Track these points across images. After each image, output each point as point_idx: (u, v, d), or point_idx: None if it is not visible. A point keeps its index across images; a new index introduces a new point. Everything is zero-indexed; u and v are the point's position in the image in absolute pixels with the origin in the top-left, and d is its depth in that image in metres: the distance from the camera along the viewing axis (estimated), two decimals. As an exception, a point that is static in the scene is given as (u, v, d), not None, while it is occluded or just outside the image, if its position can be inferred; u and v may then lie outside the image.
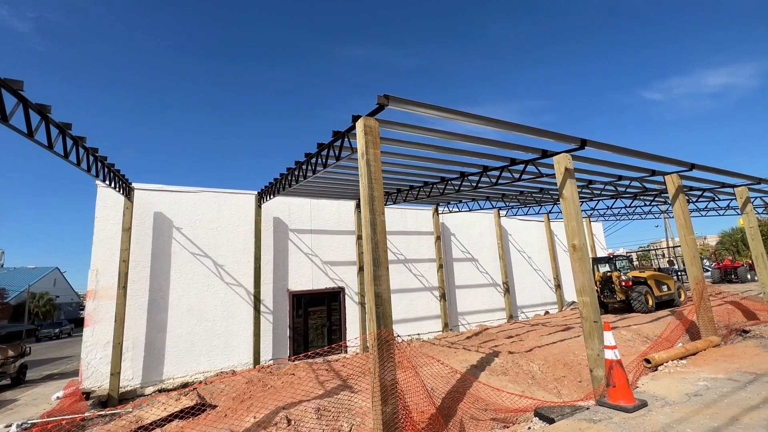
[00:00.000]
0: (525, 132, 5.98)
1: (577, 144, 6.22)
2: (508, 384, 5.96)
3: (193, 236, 12.01)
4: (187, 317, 11.40)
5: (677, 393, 4.59)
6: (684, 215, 8.41)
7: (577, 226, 6.17)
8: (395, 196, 11.93)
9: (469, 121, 5.29)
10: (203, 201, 12.36)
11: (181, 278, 11.56)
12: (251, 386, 6.28)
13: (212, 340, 11.60)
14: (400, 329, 14.77)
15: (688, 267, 8.32)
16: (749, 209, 10.84)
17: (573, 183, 6.31)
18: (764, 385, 4.63)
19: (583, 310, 6.03)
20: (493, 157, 7.89)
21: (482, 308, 16.98)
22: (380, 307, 4.05)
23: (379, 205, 4.31)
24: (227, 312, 11.98)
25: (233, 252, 12.47)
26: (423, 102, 4.46)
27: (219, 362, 11.53)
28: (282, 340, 12.60)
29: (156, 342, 10.89)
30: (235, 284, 12.33)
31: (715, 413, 3.89)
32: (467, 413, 5.00)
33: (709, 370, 5.46)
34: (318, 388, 6.13)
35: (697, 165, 8.32)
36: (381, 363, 3.85)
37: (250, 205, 12.80)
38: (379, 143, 4.52)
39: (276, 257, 13.16)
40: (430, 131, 5.98)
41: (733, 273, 23.70)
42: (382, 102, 4.22)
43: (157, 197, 11.68)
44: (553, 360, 7.13)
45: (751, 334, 8.06)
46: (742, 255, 28.01)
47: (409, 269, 15.76)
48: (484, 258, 17.78)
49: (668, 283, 14.81)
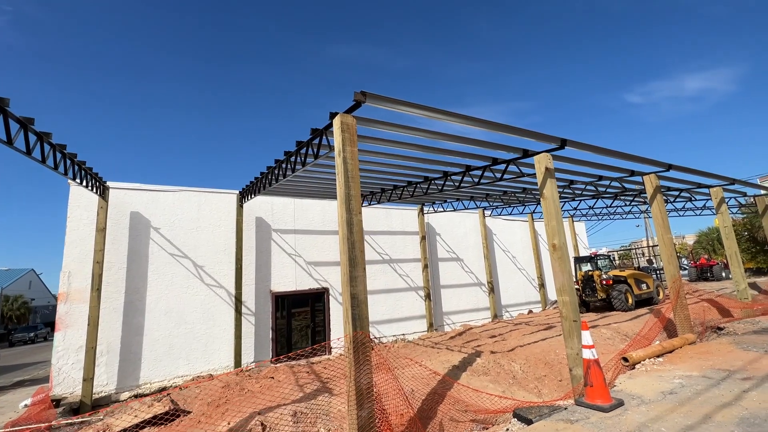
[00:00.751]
0: (506, 131, 5.97)
1: (557, 144, 6.24)
2: (489, 384, 5.94)
3: (172, 236, 11.69)
4: (166, 320, 11.09)
5: (653, 391, 4.63)
6: (662, 215, 8.55)
7: (557, 225, 6.19)
8: (379, 195, 11.84)
9: (450, 120, 5.25)
10: (182, 200, 12.04)
11: (159, 280, 11.23)
12: (228, 391, 6.10)
13: (192, 343, 11.30)
14: (385, 330, 14.70)
15: (665, 266, 8.46)
16: (724, 209, 11.12)
17: (553, 183, 6.33)
18: (737, 383, 4.70)
19: (563, 309, 6.05)
20: (475, 157, 7.88)
21: (467, 308, 17.04)
22: (356, 308, 3.95)
23: (356, 204, 4.21)
24: (208, 314, 11.70)
25: (214, 253, 12.19)
26: (401, 99, 4.39)
27: (199, 366, 11.25)
28: (264, 342, 12.38)
29: (132, 346, 10.56)
30: (215, 285, 12.06)
31: (689, 411, 3.92)
32: (447, 415, 4.95)
33: (685, 367, 5.54)
34: (297, 391, 6.00)
35: (674, 165, 8.47)
36: (357, 366, 3.75)
37: (232, 204, 12.54)
38: (357, 141, 4.42)
39: (258, 258, 12.92)
40: (413, 130, 5.92)
41: (708, 271, 24.37)
42: (358, 99, 4.13)
43: (133, 196, 11.32)
44: (534, 359, 7.15)
45: (725, 331, 8.25)
46: (718, 254, 28.87)
47: (394, 269, 15.69)
48: (469, 258, 17.84)
49: (647, 281, 15.11)
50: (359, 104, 4.23)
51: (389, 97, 4.29)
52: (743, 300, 10.73)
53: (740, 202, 16.25)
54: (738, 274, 10.86)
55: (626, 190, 11.18)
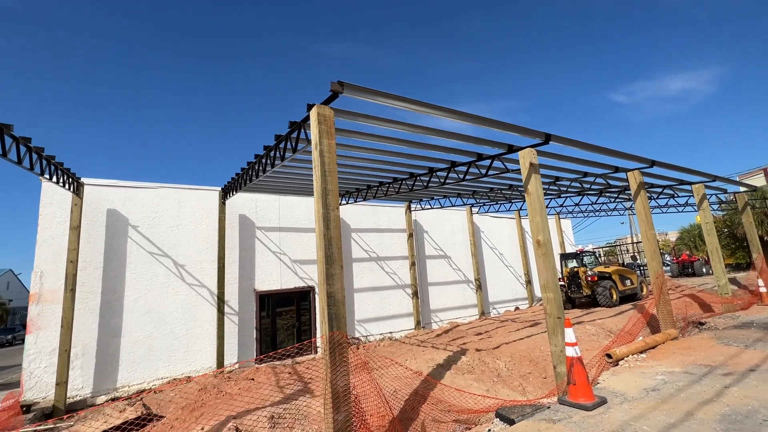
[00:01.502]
0: (491, 125, 5.86)
1: (542, 139, 6.16)
2: (473, 383, 5.85)
3: (151, 235, 11.33)
4: (145, 320, 10.75)
5: (636, 388, 4.58)
6: (645, 211, 8.58)
7: (541, 221, 6.12)
8: (365, 192, 11.68)
9: (433, 113, 5.11)
10: (162, 197, 11.68)
11: (137, 279, 10.88)
12: (204, 394, 5.88)
13: (172, 344, 10.99)
14: (372, 328, 14.57)
15: (648, 262, 8.51)
16: (705, 205, 11.26)
17: (538, 178, 6.25)
18: (718, 378, 4.70)
19: (547, 306, 5.99)
20: (461, 152, 7.77)
21: (455, 305, 17.00)
22: (333, 307, 3.79)
23: (334, 199, 4.04)
24: (189, 314, 11.39)
25: (195, 251, 11.87)
26: (380, 90, 4.22)
27: (180, 367, 10.95)
28: (248, 342, 12.12)
29: (109, 348, 10.21)
30: (197, 285, 11.74)
31: (671, 408, 3.88)
32: (429, 415, 4.84)
33: (667, 363, 5.53)
34: (277, 393, 5.82)
35: (657, 162, 8.51)
36: (333, 368, 3.60)
37: (214, 202, 12.23)
38: (334, 133, 4.25)
39: (242, 256, 12.64)
40: (398, 124, 5.77)
41: (690, 267, 24.84)
42: (335, 89, 3.95)
43: (110, 193, 10.93)
44: (519, 356, 7.10)
45: (706, 326, 8.33)
46: (699, 250, 29.47)
47: (381, 267, 15.55)
48: (457, 255, 17.81)
49: (631, 277, 15.28)
50: (336, 95, 4.05)
51: (368, 88, 4.13)
52: (724, 295, 10.89)
53: (721, 199, 16.54)
54: (719, 269, 11.01)
55: (611, 186, 11.23)
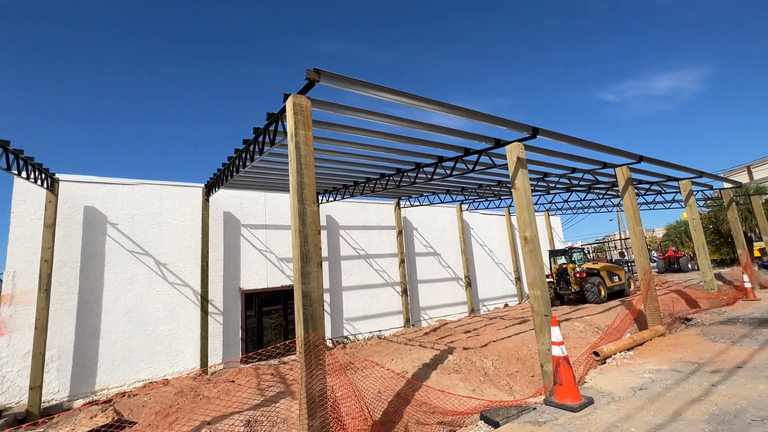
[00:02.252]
0: (477, 118, 5.71)
1: (529, 132, 6.03)
2: (459, 383, 5.72)
3: (132, 233, 10.98)
4: (125, 321, 10.42)
5: (623, 387, 4.49)
6: (633, 207, 8.53)
7: (528, 217, 5.99)
8: (352, 189, 11.47)
9: (417, 104, 4.92)
10: (143, 194, 11.32)
11: (117, 279, 10.53)
12: (180, 398, 5.65)
13: (154, 345, 10.68)
14: (361, 327, 14.40)
15: (636, 258, 8.46)
16: (692, 201, 11.29)
17: (525, 173, 6.12)
18: (705, 376, 4.63)
19: (534, 304, 5.87)
20: (448, 147, 7.62)
21: (445, 302, 16.92)
22: (308, 308, 3.60)
23: (310, 193, 3.84)
24: (171, 314, 11.08)
25: (178, 249, 11.54)
26: (359, 79, 4.02)
27: (162, 369, 10.65)
28: (233, 342, 11.85)
29: (87, 350, 9.86)
30: (180, 284, 11.43)
31: (659, 409, 3.78)
32: (413, 417, 4.69)
33: (655, 361, 5.46)
34: (257, 396, 5.62)
35: (645, 157, 8.46)
36: (308, 371, 3.41)
37: (197, 198, 11.90)
38: (311, 124, 4.03)
39: (227, 254, 12.34)
40: (383, 117, 5.57)
41: (676, 263, 25.15)
42: (312, 77, 3.74)
43: (87, 190, 10.55)
44: (507, 355, 7.00)
45: (693, 322, 8.33)
46: (685, 246, 29.87)
47: (370, 265, 15.37)
48: (447, 252, 17.71)
49: (619, 274, 15.35)
50: (312, 83, 3.84)
51: (346, 77, 3.92)
52: (710, 290, 10.95)
53: (707, 195, 16.69)
54: (705, 265, 11.06)
55: (599, 182, 11.20)
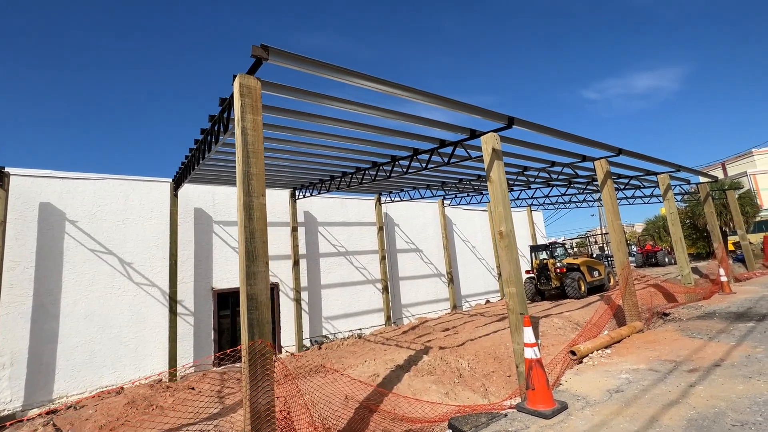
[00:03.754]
0: (452, 106, 5.39)
1: (505, 122, 5.75)
2: (432, 386, 5.44)
3: (93, 230, 10.33)
4: (86, 324, 9.81)
5: (599, 390, 4.27)
6: (612, 201, 8.40)
7: (504, 211, 5.72)
8: (329, 183, 11.07)
9: (385, 89, 4.56)
10: (106, 190, 10.67)
11: (77, 280, 9.90)
12: (130, 408, 5.20)
13: (118, 348, 10.11)
14: (341, 325, 14.06)
15: (614, 252, 8.34)
16: (670, 195, 11.29)
17: (501, 165, 5.84)
18: (683, 375, 4.45)
19: (509, 302, 5.62)
20: (423, 139, 7.30)
21: (427, 299, 16.70)
22: (254, 312, 3.23)
23: (258, 184, 3.45)
24: (138, 316, 10.51)
25: (145, 248, 10.95)
26: (315, 59, 3.64)
27: (128, 373, 10.08)
28: (205, 344, 11.35)
29: (44, 356, 9.24)
30: (147, 284, 10.85)
31: (635, 414, 3.55)
32: (380, 426, 4.38)
33: (632, 359, 5.28)
34: (216, 404, 5.23)
35: (624, 150, 8.33)
36: (253, 383, 3.04)
37: (165, 194, 11.29)
38: (261, 108, 3.64)
39: (198, 252, 11.80)
40: (357, 105, 5.21)
41: (653, 257, 25.57)
42: (258, 54, 3.34)
43: (43, 185, 9.86)
44: (483, 354, 6.76)
45: (670, 317, 8.26)
46: (663, 240, 30.45)
47: (350, 262, 15.01)
48: (429, 248, 17.48)
49: (599, 268, 15.37)
50: (260, 62, 3.44)
51: (300, 55, 3.53)
52: (687, 285, 10.97)
53: (684, 190, 16.88)
54: (682, 259, 11.08)
55: (578, 176, 11.09)
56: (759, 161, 35.73)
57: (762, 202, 31.79)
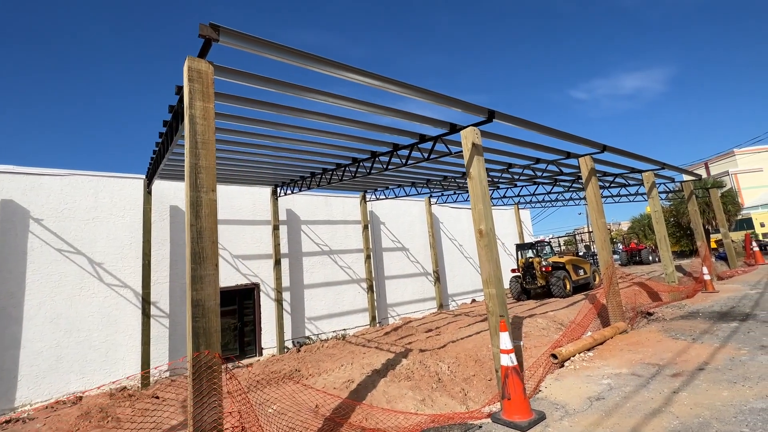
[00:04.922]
0: (431, 98, 5.11)
1: (485, 116, 5.49)
2: (408, 392, 5.19)
3: (60, 229, 9.82)
4: (52, 328, 9.32)
5: (579, 398, 4.05)
6: (596, 198, 8.24)
7: (484, 209, 5.48)
8: (309, 180, 10.72)
9: (357, 78, 4.27)
10: (74, 186, 10.15)
11: (42, 281, 9.39)
12: (83, 421, 4.81)
13: (87, 353, 9.63)
14: (324, 326, 13.74)
15: (599, 251, 8.20)
16: (654, 193, 11.23)
17: (481, 161, 5.60)
18: (666, 380, 4.27)
19: (489, 303, 5.39)
20: (404, 134, 7.03)
21: (413, 298, 16.47)
22: (200, 319, 2.91)
23: (208, 179, 3.13)
24: (109, 318, 10.04)
25: (117, 247, 10.46)
26: (271, 41, 3.32)
27: (97, 378, 9.62)
28: (181, 347, 10.91)
29: (5, 362, 8.74)
30: (119, 285, 10.37)
31: (615, 425, 3.34)
32: (350, 438, 4.11)
33: (615, 363, 5.09)
34: (179, 415, 4.89)
35: (609, 147, 8.18)
36: (198, 399, 2.73)
37: (138, 191, 10.81)
38: (212, 95, 3.30)
39: (174, 252, 11.33)
40: (331, 97, 4.90)
41: (638, 255, 25.76)
42: (207, 34, 3.00)
43: (4, 182, 9.32)
44: (464, 356, 6.54)
45: (654, 317, 8.15)
46: (648, 238, 30.76)
47: (335, 261, 14.69)
48: (416, 247, 17.24)
49: (584, 267, 15.32)
50: (209, 43, 3.11)
51: (253, 36, 3.20)
52: (671, 283, 10.93)
53: (668, 188, 16.94)
54: (666, 258, 11.04)
55: (563, 173, 10.95)
56: (740, 161, 36.43)
57: (743, 200, 32.41)
